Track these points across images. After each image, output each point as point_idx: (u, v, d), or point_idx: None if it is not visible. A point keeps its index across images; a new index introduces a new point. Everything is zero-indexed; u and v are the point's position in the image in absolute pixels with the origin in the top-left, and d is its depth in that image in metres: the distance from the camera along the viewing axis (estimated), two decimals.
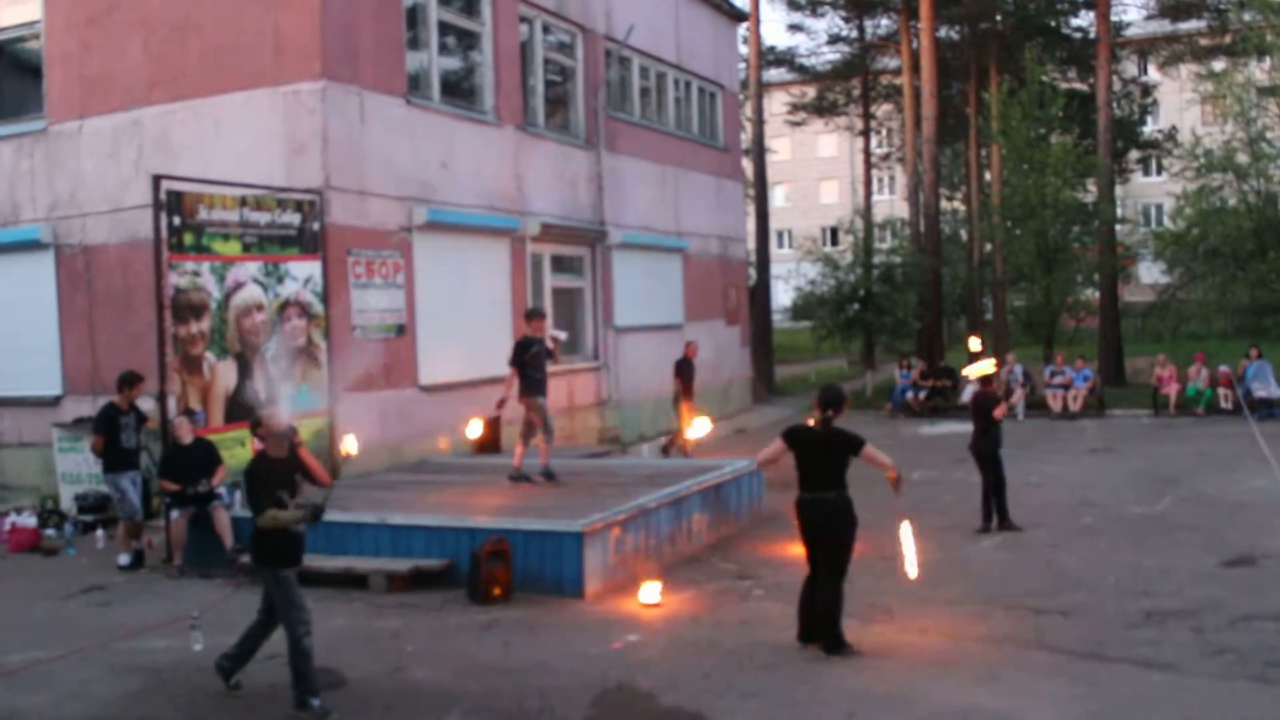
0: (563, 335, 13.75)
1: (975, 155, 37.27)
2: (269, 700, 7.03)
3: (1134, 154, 41.05)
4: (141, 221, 13.28)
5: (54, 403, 15.06)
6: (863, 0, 37.60)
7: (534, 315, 12.84)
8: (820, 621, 7.83)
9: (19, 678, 7.75)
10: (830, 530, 7.87)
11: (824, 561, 7.90)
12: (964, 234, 40.98)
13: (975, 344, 9.81)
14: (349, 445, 9.90)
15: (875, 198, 44.09)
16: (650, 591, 9.36)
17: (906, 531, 8.06)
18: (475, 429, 13.66)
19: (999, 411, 12.12)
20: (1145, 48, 41.82)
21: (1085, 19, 35.72)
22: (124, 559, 11.28)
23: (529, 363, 12.34)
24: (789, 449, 8.00)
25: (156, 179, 11.40)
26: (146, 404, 11.97)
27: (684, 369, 17.38)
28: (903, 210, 42.01)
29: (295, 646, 6.82)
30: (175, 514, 11.04)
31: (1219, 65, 30.52)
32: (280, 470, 7.02)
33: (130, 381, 11.65)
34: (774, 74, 45.15)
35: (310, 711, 6.76)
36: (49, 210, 15.30)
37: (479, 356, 15.61)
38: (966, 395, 12.52)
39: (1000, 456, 12.12)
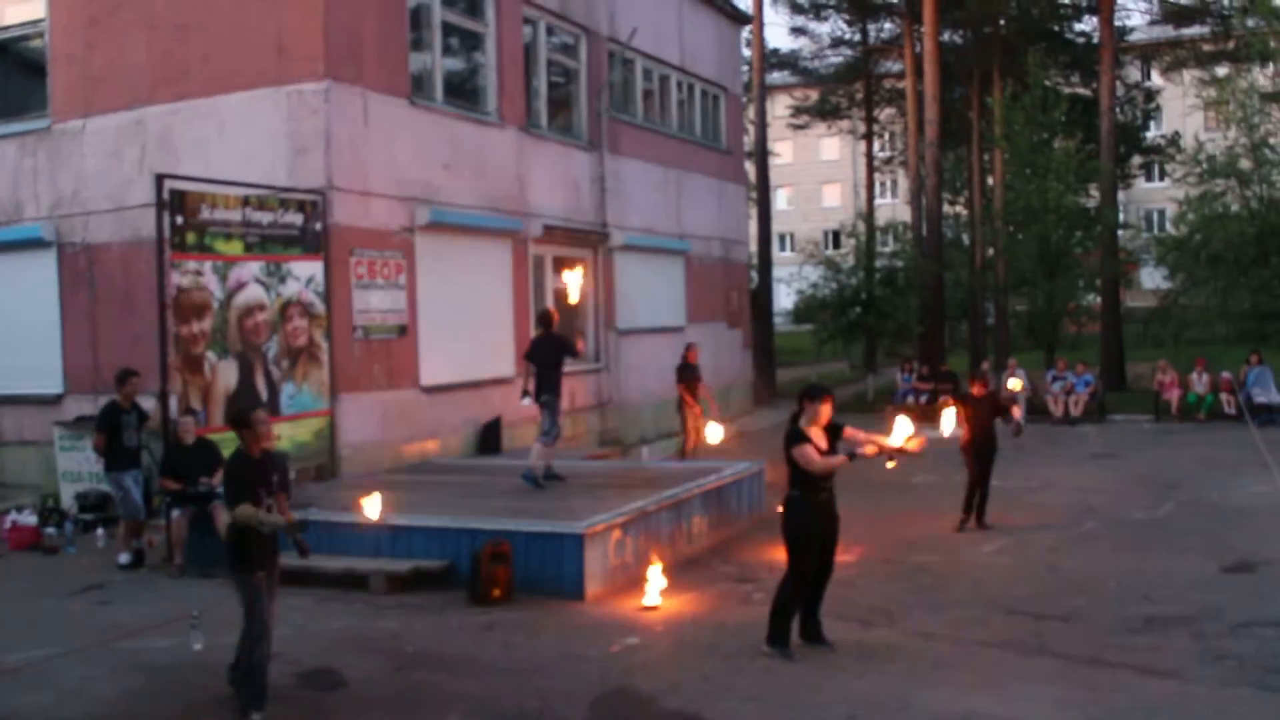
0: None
1: (978, 159, 37.25)
2: (270, 700, 7.00)
3: (1136, 159, 41.04)
4: (144, 220, 13.27)
5: (55, 401, 15.06)
6: (866, 4, 37.61)
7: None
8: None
9: (19, 676, 7.75)
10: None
11: None
12: (966, 238, 40.94)
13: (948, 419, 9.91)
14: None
15: (877, 201, 44.08)
16: (650, 594, 9.36)
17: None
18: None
19: (1016, 412, 12.23)
20: (1148, 53, 41.83)
21: (1088, 24, 35.79)
22: (124, 558, 11.27)
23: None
24: None
25: (159, 178, 11.40)
26: (149, 403, 11.96)
27: (684, 373, 17.27)
28: (905, 214, 42.08)
29: (240, 657, 6.77)
30: (176, 513, 11.04)
31: (1222, 71, 30.51)
32: (257, 470, 6.86)
33: (125, 377, 11.60)
34: (777, 77, 45.16)
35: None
36: (52, 209, 15.31)
37: (480, 358, 15.63)
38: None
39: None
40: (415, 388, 14.70)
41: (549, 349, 12.44)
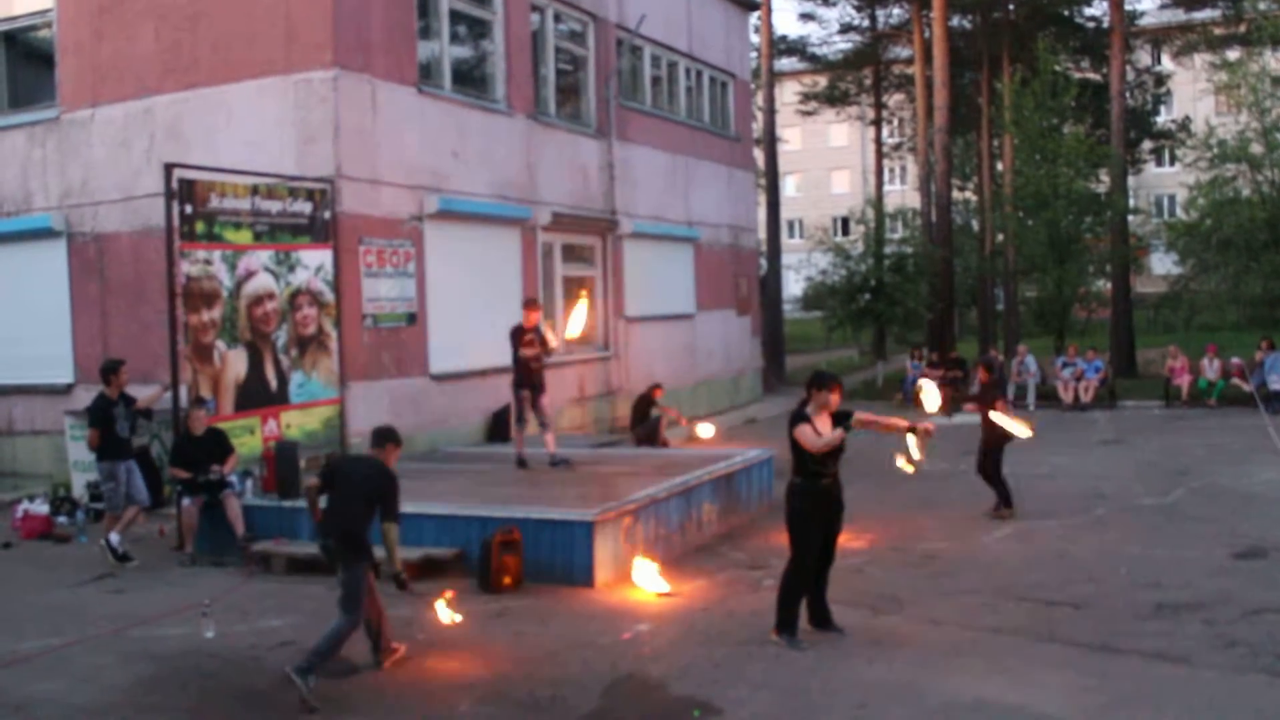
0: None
1: (987, 145, 37.12)
2: (281, 689, 7.02)
3: (1147, 144, 40.87)
4: (153, 210, 13.31)
5: (66, 390, 15.12)
6: None
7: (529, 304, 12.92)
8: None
9: (32, 664, 7.79)
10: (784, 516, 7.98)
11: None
12: (976, 224, 40.84)
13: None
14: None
15: (887, 188, 43.97)
16: (660, 580, 9.37)
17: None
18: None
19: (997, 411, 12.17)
20: (1159, 37, 41.61)
21: (1099, 8, 35.60)
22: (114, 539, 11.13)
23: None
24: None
25: (168, 167, 11.41)
26: (147, 391, 11.85)
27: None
28: (914, 200, 41.97)
29: (337, 631, 7.05)
30: (186, 501, 11.04)
31: (1233, 55, 30.31)
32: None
33: (114, 369, 11.30)
34: (785, 63, 45.04)
35: (303, 681, 6.73)
36: (61, 198, 15.35)
37: (490, 346, 15.62)
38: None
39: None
40: (425, 375, 14.73)
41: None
